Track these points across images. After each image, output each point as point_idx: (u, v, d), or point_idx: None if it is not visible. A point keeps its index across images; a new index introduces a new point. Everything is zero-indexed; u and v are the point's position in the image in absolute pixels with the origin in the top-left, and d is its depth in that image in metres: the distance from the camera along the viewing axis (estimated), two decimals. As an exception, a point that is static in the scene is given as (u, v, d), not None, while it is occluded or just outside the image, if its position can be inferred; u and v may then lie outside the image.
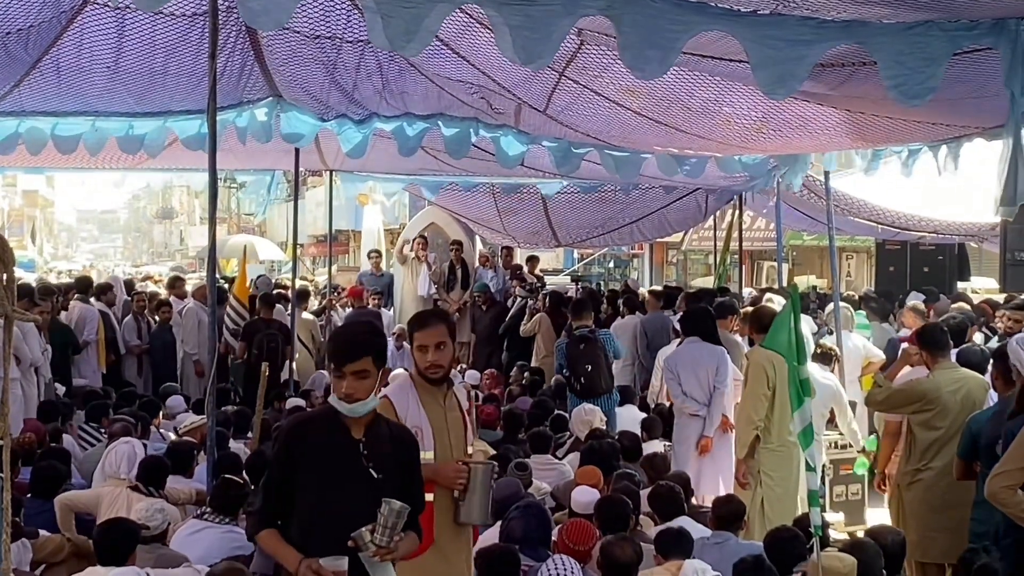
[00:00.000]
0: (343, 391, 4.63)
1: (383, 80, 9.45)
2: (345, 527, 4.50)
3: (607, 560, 6.14)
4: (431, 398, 5.74)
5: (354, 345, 4.69)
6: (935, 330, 8.69)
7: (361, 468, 4.69)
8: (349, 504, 4.62)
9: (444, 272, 18.57)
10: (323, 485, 4.65)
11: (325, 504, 4.63)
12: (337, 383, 4.67)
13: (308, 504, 4.65)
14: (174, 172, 16.26)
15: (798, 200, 16.07)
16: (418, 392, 5.77)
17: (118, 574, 5.87)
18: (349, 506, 4.61)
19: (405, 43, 5.13)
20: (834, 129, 9.29)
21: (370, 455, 4.71)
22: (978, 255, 21.57)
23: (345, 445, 4.70)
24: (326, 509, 4.63)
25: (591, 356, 12.01)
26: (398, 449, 4.86)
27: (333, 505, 4.63)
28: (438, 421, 5.70)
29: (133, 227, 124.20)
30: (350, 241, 39.25)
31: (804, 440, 6.27)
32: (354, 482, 4.67)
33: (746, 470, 8.94)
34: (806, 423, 6.24)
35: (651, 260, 34.62)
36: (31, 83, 9.57)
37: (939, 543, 7.96)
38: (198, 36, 8.64)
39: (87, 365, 14.53)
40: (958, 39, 5.33)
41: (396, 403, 5.73)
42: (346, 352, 4.66)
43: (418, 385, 5.80)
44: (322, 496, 4.64)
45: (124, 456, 8.39)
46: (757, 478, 8.91)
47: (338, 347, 4.74)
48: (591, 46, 7.40)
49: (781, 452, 8.98)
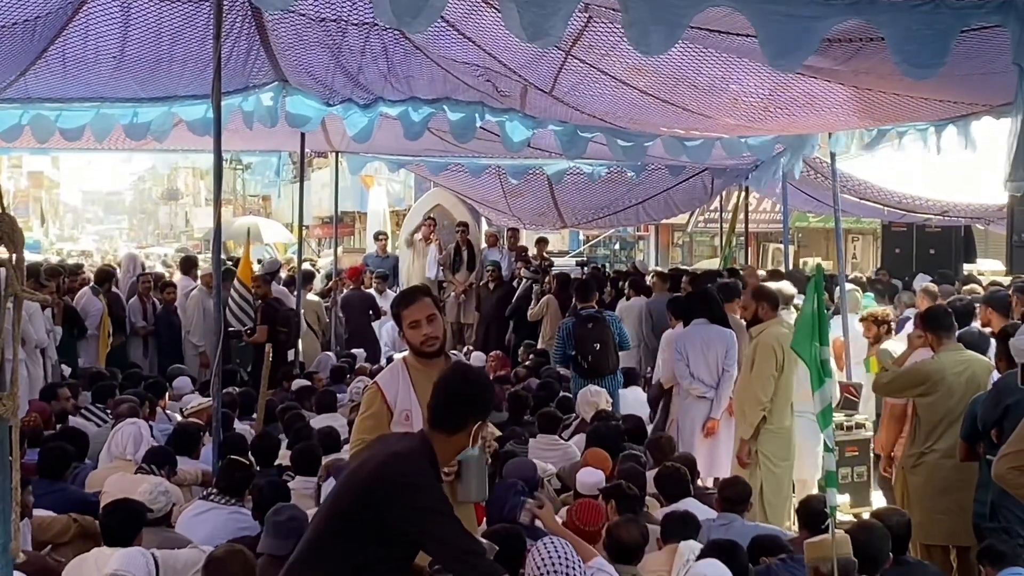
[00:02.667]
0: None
1: (388, 63, 9.43)
2: None
3: (613, 542, 6.14)
4: (425, 377, 5.51)
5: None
6: (939, 312, 8.68)
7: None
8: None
9: (450, 253, 18.58)
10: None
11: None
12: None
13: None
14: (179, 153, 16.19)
15: (804, 181, 16.03)
16: (411, 374, 5.69)
17: (123, 554, 5.88)
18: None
19: (411, 19, 5.09)
20: (841, 107, 9.26)
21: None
22: (984, 237, 21.54)
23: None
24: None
25: (600, 335, 11.99)
26: None
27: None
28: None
29: (138, 208, 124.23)
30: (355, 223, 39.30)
31: (823, 421, 6.23)
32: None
33: (748, 450, 8.96)
34: (826, 404, 6.21)
35: (657, 242, 34.60)
36: (37, 71, 9.58)
37: (944, 525, 7.96)
38: (204, 21, 8.66)
39: (86, 357, 14.51)
40: (966, 16, 5.31)
41: (385, 390, 5.69)
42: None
43: (411, 367, 5.73)
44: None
45: (130, 437, 8.42)
46: (756, 459, 8.93)
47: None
48: (598, 22, 7.36)
49: (781, 434, 9.02)
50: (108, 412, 10.26)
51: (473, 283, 18.39)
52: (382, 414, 5.69)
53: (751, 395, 9.08)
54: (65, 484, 7.99)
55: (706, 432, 10.13)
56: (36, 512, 7.02)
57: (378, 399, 5.71)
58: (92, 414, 10.43)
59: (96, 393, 11.01)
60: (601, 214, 19.79)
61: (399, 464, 4.44)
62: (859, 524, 6.67)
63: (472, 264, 18.53)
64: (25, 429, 8.60)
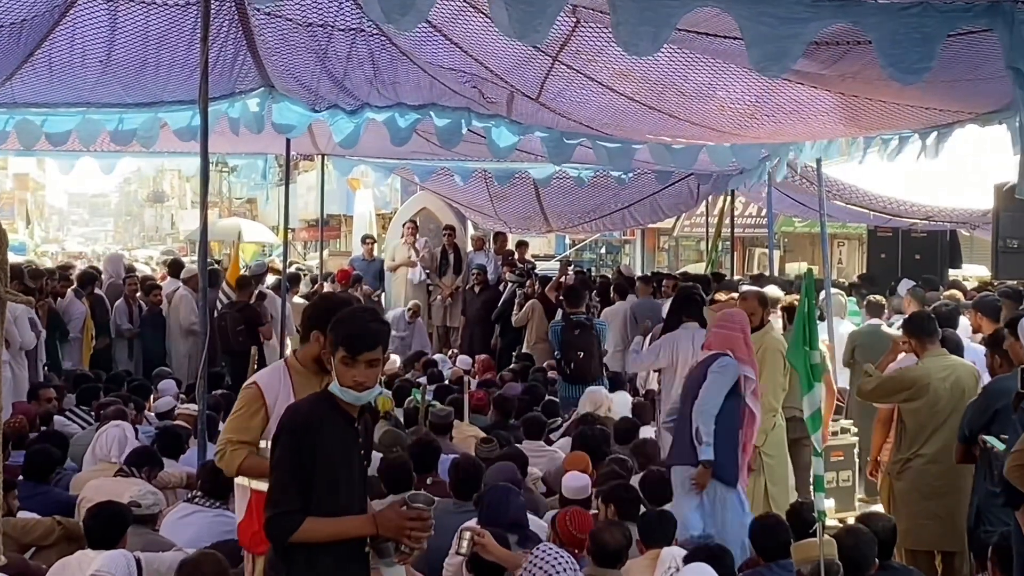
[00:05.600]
0: (355, 379, 4.39)
1: (374, 68, 9.42)
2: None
3: (597, 546, 6.14)
4: (308, 385, 5.44)
5: (370, 334, 4.44)
6: (923, 317, 8.68)
7: (358, 457, 4.56)
8: (353, 496, 4.49)
9: (436, 257, 18.57)
10: (338, 477, 4.44)
11: (339, 496, 4.44)
12: (345, 371, 4.40)
13: (325, 498, 4.40)
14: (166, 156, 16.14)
15: (790, 186, 16.06)
16: (293, 379, 5.59)
17: (108, 557, 5.87)
18: (354, 498, 4.48)
19: (400, 16, 5.08)
20: (827, 115, 9.26)
21: (363, 443, 4.59)
22: (970, 242, 21.59)
23: (349, 434, 4.51)
24: (340, 502, 4.43)
25: (584, 343, 12.06)
26: (371, 434, 4.78)
27: (344, 497, 4.45)
28: None
29: (124, 211, 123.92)
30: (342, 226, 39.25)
31: (812, 425, 6.25)
32: (354, 471, 4.53)
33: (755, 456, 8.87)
34: (815, 408, 6.21)
35: (643, 246, 34.65)
36: (23, 76, 9.56)
37: (929, 530, 7.98)
38: (191, 25, 8.65)
39: (69, 359, 14.43)
40: (953, 20, 5.31)
41: (266, 391, 5.57)
42: (362, 340, 4.41)
43: (294, 371, 5.63)
44: (337, 489, 4.44)
45: (115, 440, 8.40)
46: (759, 460, 8.85)
47: (352, 335, 4.43)
48: (586, 26, 7.36)
49: (778, 432, 8.97)
50: (92, 414, 10.23)
51: (459, 286, 18.38)
52: (256, 418, 5.57)
53: (763, 401, 8.91)
54: (49, 487, 7.98)
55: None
56: (20, 514, 7.01)
57: (257, 402, 5.58)
58: (77, 416, 10.40)
59: (81, 395, 10.97)
60: (587, 218, 19.77)
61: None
62: (846, 529, 6.68)
63: (458, 268, 18.53)
64: (11, 432, 8.60)
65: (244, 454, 5.58)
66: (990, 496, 7.03)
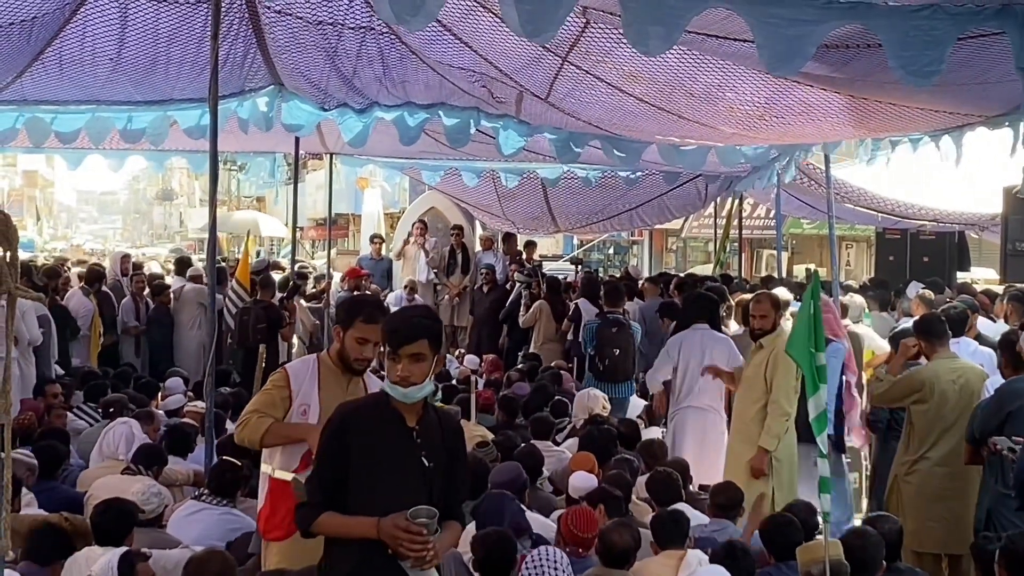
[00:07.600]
0: (398, 374, 4.38)
1: (384, 67, 9.41)
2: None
3: (605, 546, 6.13)
4: (334, 382, 5.68)
5: (411, 327, 4.43)
6: (934, 319, 8.67)
7: (415, 458, 4.48)
8: (403, 496, 4.38)
9: (444, 256, 18.59)
10: (378, 477, 4.43)
11: (380, 496, 4.41)
12: (392, 366, 4.40)
13: (362, 497, 4.41)
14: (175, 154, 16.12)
15: (798, 188, 16.04)
16: (321, 372, 5.75)
17: (114, 555, 5.87)
18: (403, 499, 4.37)
19: (410, 17, 5.09)
20: (836, 116, 9.24)
21: (423, 444, 4.50)
22: (978, 245, 21.54)
23: (400, 434, 4.49)
24: (381, 501, 4.38)
25: (621, 341, 12.18)
26: (447, 436, 4.64)
27: (388, 497, 4.38)
28: (332, 403, 5.27)
29: (133, 208, 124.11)
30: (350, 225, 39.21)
31: (818, 427, 6.23)
32: (408, 473, 4.47)
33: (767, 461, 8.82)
34: (820, 410, 6.19)
35: (651, 247, 34.62)
36: (33, 74, 9.56)
37: (936, 533, 7.97)
38: (201, 23, 8.64)
39: (77, 356, 14.43)
40: (963, 22, 5.30)
41: (293, 378, 5.75)
42: (403, 334, 4.40)
43: (324, 366, 5.79)
44: (376, 488, 4.43)
45: (122, 437, 8.42)
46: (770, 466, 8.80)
47: (394, 329, 4.46)
48: (596, 27, 7.35)
49: (789, 437, 8.91)
50: (99, 411, 10.24)
51: (467, 286, 18.40)
52: (281, 399, 5.76)
53: (776, 407, 8.83)
54: (57, 483, 7.99)
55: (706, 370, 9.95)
56: (27, 510, 7.02)
57: (284, 384, 5.76)
58: (84, 413, 10.42)
59: (88, 392, 10.98)
60: (595, 219, 19.77)
61: None
62: (853, 530, 6.68)
63: (466, 267, 18.56)
64: (19, 428, 8.62)
65: (269, 422, 5.72)
66: (1001, 498, 7.04)
